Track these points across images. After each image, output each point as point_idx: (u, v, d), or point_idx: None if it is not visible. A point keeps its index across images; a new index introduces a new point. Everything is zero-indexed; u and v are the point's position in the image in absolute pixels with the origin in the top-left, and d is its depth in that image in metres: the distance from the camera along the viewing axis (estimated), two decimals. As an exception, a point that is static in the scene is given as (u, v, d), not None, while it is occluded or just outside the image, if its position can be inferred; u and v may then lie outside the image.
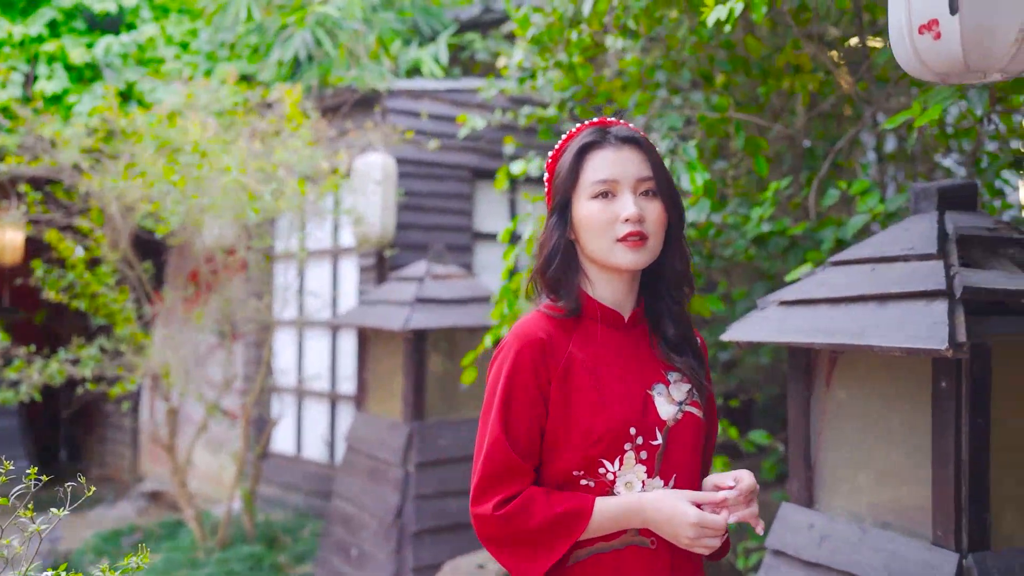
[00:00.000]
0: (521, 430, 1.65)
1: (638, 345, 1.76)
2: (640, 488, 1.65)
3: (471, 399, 5.48)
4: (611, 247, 1.67)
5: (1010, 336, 2.31)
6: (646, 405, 1.69)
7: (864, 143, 5.84)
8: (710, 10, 3.18)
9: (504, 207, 6.76)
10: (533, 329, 1.69)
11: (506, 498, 1.62)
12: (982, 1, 1.57)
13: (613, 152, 1.70)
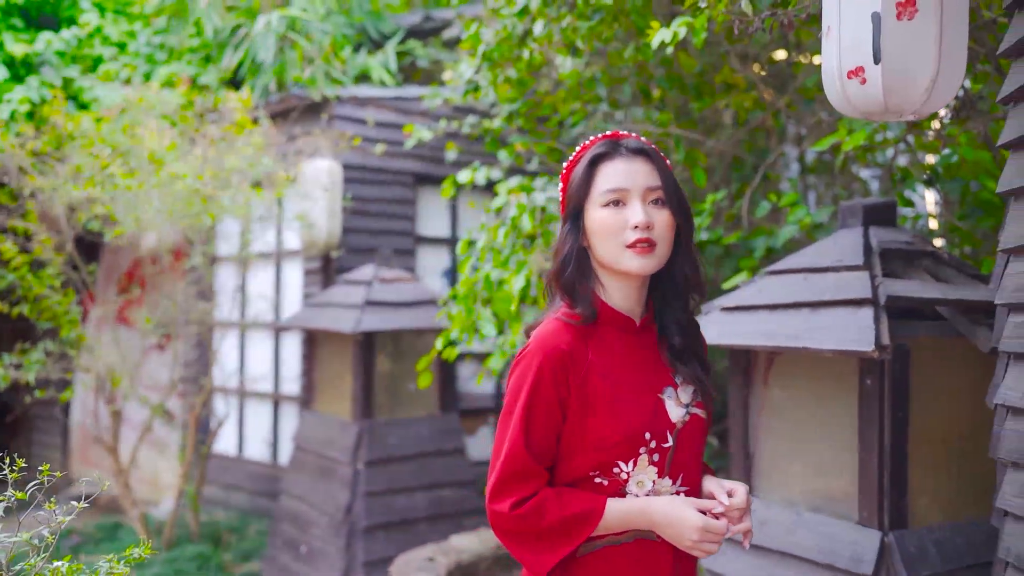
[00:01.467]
0: (539, 437, 1.72)
1: (648, 349, 1.82)
2: (651, 487, 1.74)
3: (417, 399, 5.66)
4: (620, 252, 1.73)
5: (925, 339, 2.59)
6: (657, 409, 1.76)
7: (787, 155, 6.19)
8: (655, 33, 3.42)
9: (445, 212, 6.94)
10: (555, 341, 1.74)
11: (522, 498, 1.71)
12: (900, 54, 1.82)
13: (624, 163, 1.76)
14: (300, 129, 6.25)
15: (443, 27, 7.72)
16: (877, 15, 1.80)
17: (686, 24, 3.31)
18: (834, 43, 1.88)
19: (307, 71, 6.32)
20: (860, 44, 1.83)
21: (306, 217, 5.83)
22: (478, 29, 4.93)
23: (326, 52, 6.63)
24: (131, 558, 2.19)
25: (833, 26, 1.90)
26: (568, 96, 4.96)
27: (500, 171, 5.13)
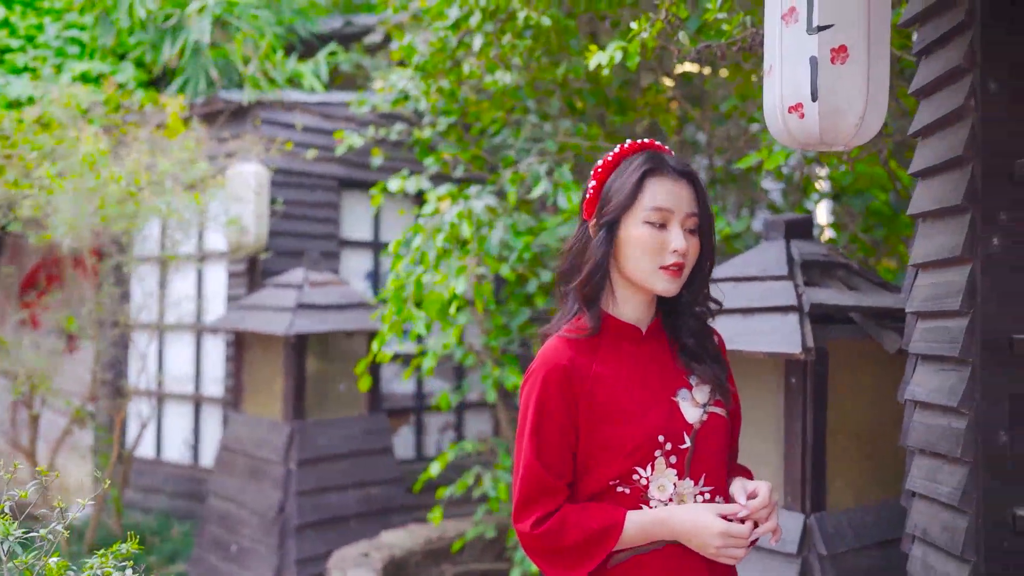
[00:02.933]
0: (552, 453, 1.73)
1: (658, 354, 1.83)
2: (672, 489, 1.73)
3: (346, 399, 5.78)
4: (654, 273, 1.74)
5: (841, 341, 2.89)
6: (672, 411, 1.76)
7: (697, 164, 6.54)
8: (591, 55, 3.65)
9: (368, 216, 7.05)
10: (555, 356, 1.75)
11: (542, 516, 1.72)
12: (834, 93, 2.08)
13: (672, 182, 1.76)
14: (228, 132, 6.28)
15: (364, 32, 7.83)
16: (814, 58, 2.06)
17: (620, 49, 3.55)
18: (776, 81, 2.13)
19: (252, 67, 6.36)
20: (799, 83, 2.08)
21: (241, 222, 5.88)
22: (411, 41, 5.09)
23: (264, 52, 6.68)
24: (120, 554, 2.24)
25: (775, 66, 2.15)
26: (492, 106, 5.17)
27: (427, 178, 5.30)
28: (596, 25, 5.26)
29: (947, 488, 2.19)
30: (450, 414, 7.28)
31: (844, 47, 2.03)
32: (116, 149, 5.45)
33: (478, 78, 4.66)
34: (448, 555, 5.18)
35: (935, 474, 2.28)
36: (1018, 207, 2.09)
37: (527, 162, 4.61)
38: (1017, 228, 2.09)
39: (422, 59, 4.83)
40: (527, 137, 5.11)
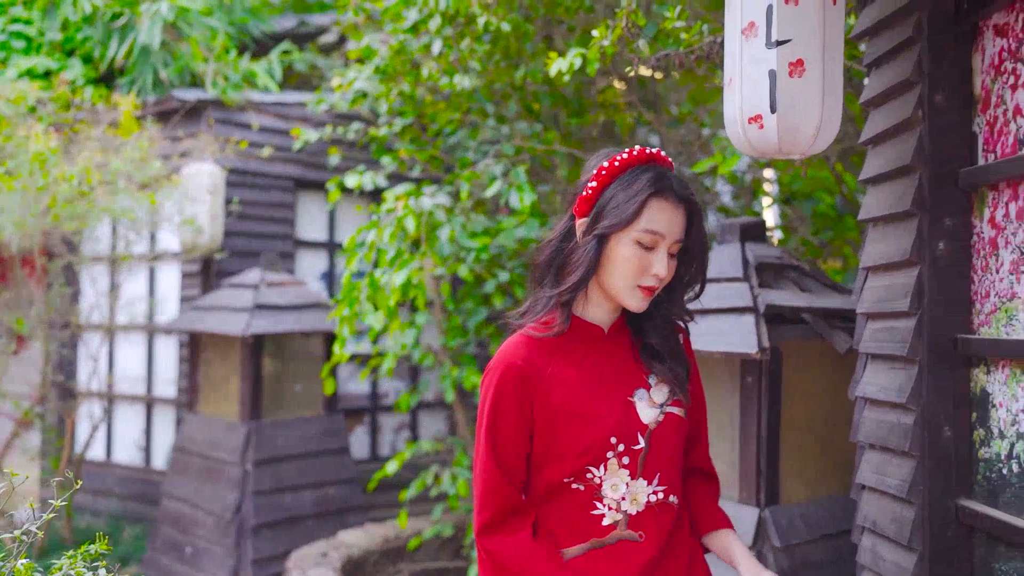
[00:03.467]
0: (507, 452, 1.75)
1: (618, 353, 1.83)
2: (624, 489, 1.74)
3: (303, 400, 5.78)
4: (630, 290, 1.74)
5: (794, 341, 3.00)
6: (627, 412, 1.77)
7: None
8: (552, 62, 3.72)
9: (323, 216, 7.05)
10: (513, 355, 1.76)
11: (496, 514, 1.75)
12: (792, 106, 2.17)
13: (671, 208, 1.74)
14: (182, 132, 6.23)
15: (319, 32, 7.82)
16: (773, 72, 2.15)
17: (580, 55, 3.63)
18: (736, 93, 2.22)
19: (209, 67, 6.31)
20: (759, 95, 2.17)
21: (191, 220, 5.84)
22: (369, 43, 5.11)
23: (219, 52, 6.64)
24: (89, 554, 2.25)
25: (735, 78, 2.23)
26: (448, 107, 5.22)
27: (384, 177, 5.33)
28: (551, 28, 5.34)
29: (895, 481, 2.30)
30: (405, 415, 7.31)
31: (801, 61, 2.12)
32: (67, 148, 5.39)
33: (437, 81, 4.70)
34: (405, 554, 5.22)
35: (884, 468, 2.38)
36: (963, 213, 2.20)
37: (484, 163, 4.67)
38: (962, 233, 2.20)
39: (382, 61, 4.86)
40: (484, 139, 5.17)
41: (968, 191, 2.20)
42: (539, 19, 4.92)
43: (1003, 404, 2.07)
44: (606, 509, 1.74)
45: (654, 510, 1.77)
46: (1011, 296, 2.04)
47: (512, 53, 4.62)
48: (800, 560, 2.87)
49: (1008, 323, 2.05)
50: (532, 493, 1.79)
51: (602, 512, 1.74)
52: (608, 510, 1.74)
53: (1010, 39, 2.06)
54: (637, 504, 1.75)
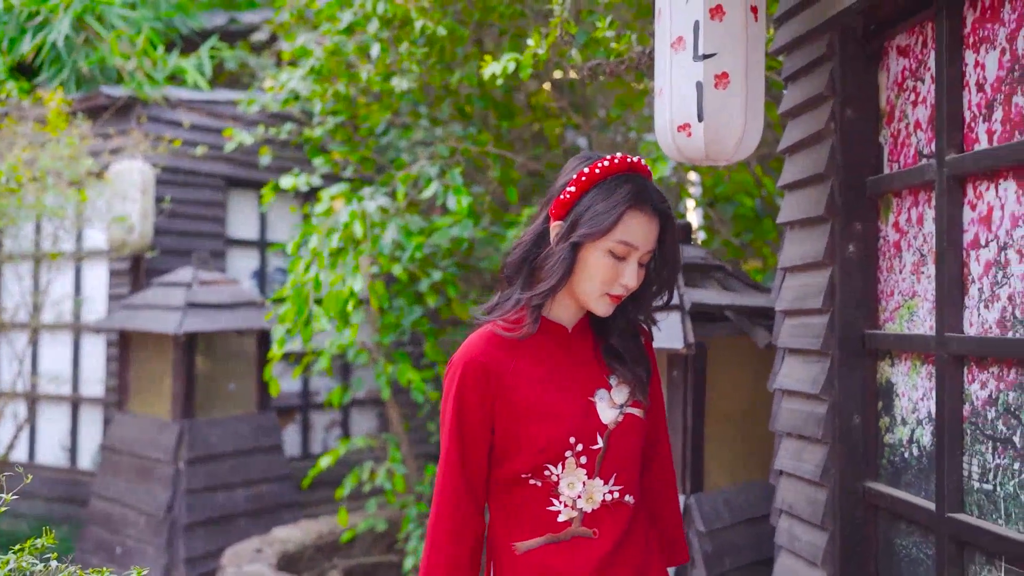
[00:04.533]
0: (467, 447, 1.77)
1: (580, 353, 1.84)
2: (581, 488, 1.75)
3: (235, 398, 5.79)
4: (598, 297, 1.75)
5: (717, 337, 3.17)
6: (587, 411, 1.77)
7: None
8: (486, 65, 3.84)
9: (255, 215, 7.05)
10: (475, 351, 1.77)
11: (451, 512, 1.77)
12: (718, 115, 2.33)
13: (647, 219, 1.74)
14: (112, 129, 6.18)
15: (250, 30, 7.79)
16: (700, 83, 2.30)
17: (514, 60, 3.76)
18: (666, 103, 2.37)
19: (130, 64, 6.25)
20: (687, 105, 2.32)
21: (122, 218, 5.80)
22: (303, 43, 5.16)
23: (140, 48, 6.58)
24: (34, 548, 2.27)
25: (665, 88, 2.38)
26: (380, 107, 5.30)
27: (318, 177, 5.39)
28: (482, 31, 5.46)
29: (810, 466, 2.48)
30: (336, 412, 7.35)
31: (726, 74, 2.27)
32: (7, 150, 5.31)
33: (375, 86, 4.78)
34: (339, 549, 5.29)
35: (800, 454, 2.56)
36: (870, 218, 2.39)
37: (419, 164, 4.76)
38: (869, 237, 2.39)
39: (317, 62, 4.92)
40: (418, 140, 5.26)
41: (875, 198, 2.39)
42: (472, 23, 5.04)
43: (905, 394, 2.25)
44: (562, 506, 1.76)
45: (609, 508, 1.78)
46: (912, 294, 2.23)
47: (447, 56, 4.72)
48: (723, 544, 3.04)
49: (910, 319, 2.24)
50: (493, 483, 1.81)
51: (558, 509, 1.76)
52: (564, 507, 1.76)
53: (911, 59, 2.25)
54: (592, 502, 1.76)
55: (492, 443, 1.79)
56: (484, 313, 1.85)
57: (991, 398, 1.91)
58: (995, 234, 1.92)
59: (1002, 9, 1.91)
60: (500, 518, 1.82)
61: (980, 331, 1.96)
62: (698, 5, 2.25)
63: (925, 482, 2.15)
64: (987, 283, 1.94)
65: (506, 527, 1.80)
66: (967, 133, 2.02)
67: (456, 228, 4.65)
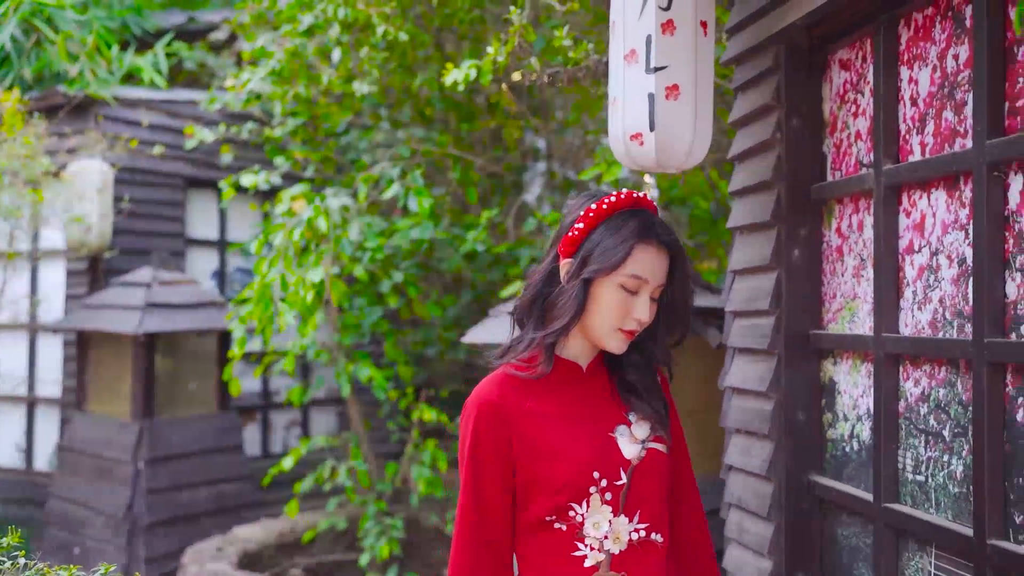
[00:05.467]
0: (488, 495, 1.73)
1: (597, 391, 1.81)
2: (607, 527, 1.70)
3: (196, 397, 5.81)
4: (612, 333, 1.74)
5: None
6: (609, 447, 1.74)
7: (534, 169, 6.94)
8: (448, 72, 3.92)
9: (214, 215, 7.04)
10: (487, 393, 1.75)
11: (468, 566, 1.73)
12: (668, 125, 2.42)
13: (656, 252, 1.74)
14: (69, 128, 6.15)
15: (209, 30, 7.78)
16: (652, 95, 2.39)
17: (475, 67, 3.84)
18: (620, 112, 2.46)
19: (76, 68, 6.22)
20: (639, 115, 2.41)
21: (79, 217, 5.78)
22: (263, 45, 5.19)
23: (91, 48, 6.54)
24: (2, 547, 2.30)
25: (619, 98, 2.47)
26: (342, 109, 5.35)
27: (279, 176, 5.42)
28: (443, 36, 5.53)
29: (757, 461, 2.59)
30: (296, 411, 7.37)
31: (676, 86, 2.37)
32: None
33: (337, 89, 4.83)
34: (301, 547, 5.33)
35: (748, 449, 2.67)
36: (814, 224, 2.51)
37: (380, 166, 4.82)
38: (813, 242, 2.50)
39: (277, 64, 4.96)
40: (378, 142, 5.32)
41: (819, 205, 2.50)
42: (432, 28, 5.11)
43: (846, 391, 2.37)
44: (588, 549, 1.70)
45: (637, 549, 1.72)
46: (853, 296, 2.35)
47: (408, 60, 4.79)
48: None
49: (851, 320, 2.36)
50: (517, 532, 1.76)
51: (584, 553, 1.70)
52: (590, 550, 1.70)
53: (852, 72, 2.36)
54: (620, 543, 1.71)
55: (513, 487, 1.74)
56: (497, 357, 1.82)
57: (924, 395, 2.03)
58: (927, 240, 2.04)
59: (933, 29, 2.03)
60: (525, 571, 1.76)
61: (914, 331, 2.07)
62: (650, 20, 2.34)
63: (864, 474, 2.27)
64: (920, 286, 2.06)
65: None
66: (902, 144, 2.14)
67: (417, 230, 4.71)
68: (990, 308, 1.79)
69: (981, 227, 1.81)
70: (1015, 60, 1.77)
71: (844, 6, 2.26)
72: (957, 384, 1.92)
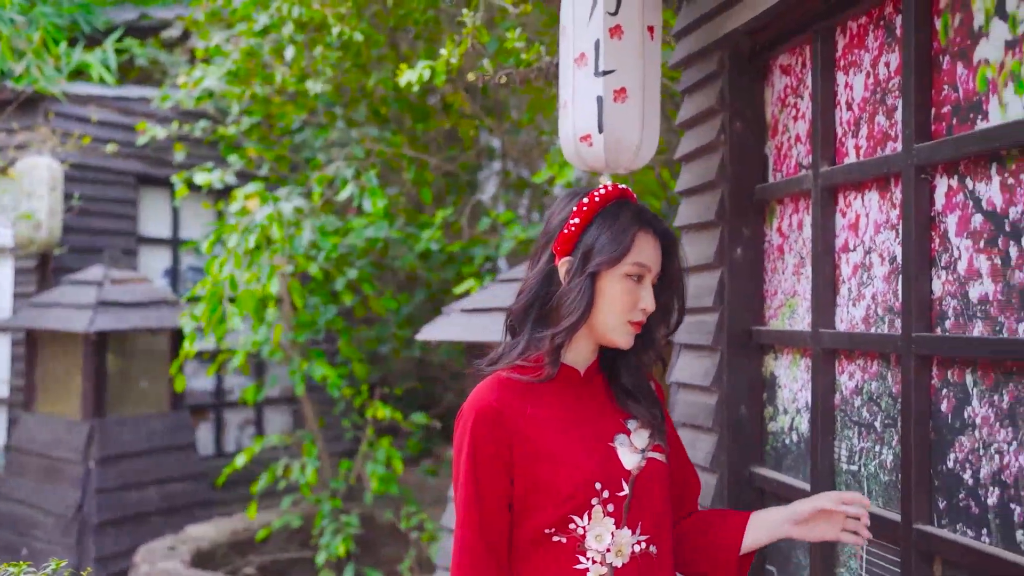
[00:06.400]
0: (487, 505, 1.66)
1: (595, 398, 1.77)
2: (610, 540, 1.64)
3: (148, 396, 5.77)
4: (622, 327, 1.71)
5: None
6: (609, 457, 1.68)
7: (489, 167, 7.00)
8: (402, 73, 3.95)
9: (167, 213, 7.00)
10: (486, 396, 1.68)
11: None
12: (616, 127, 2.49)
13: (653, 240, 1.73)
14: (17, 124, 6.07)
15: (161, 27, 7.71)
16: (600, 98, 2.46)
17: (429, 68, 3.88)
18: (569, 114, 2.52)
19: (20, 65, 6.14)
20: (588, 117, 2.47)
21: (28, 215, 5.72)
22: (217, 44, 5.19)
23: (37, 45, 6.46)
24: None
25: (569, 101, 2.54)
26: (296, 107, 5.37)
27: (233, 175, 5.41)
28: (398, 36, 5.56)
29: (702, 453, 2.66)
30: (250, 410, 7.35)
31: (624, 89, 2.44)
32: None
33: (291, 87, 4.84)
34: (254, 546, 5.32)
35: (694, 443, 2.75)
36: (756, 224, 2.59)
37: (335, 165, 4.85)
38: (755, 241, 2.59)
39: (232, 64, 4.95)
40: (333, 141, 5.34)
41: (761, 205, 2.59)
42: (387, 28, 5.14)
43: (786, 385, 2.46)
44: (590, 563, 1.64)
45: (638, 561, 1.67)
46: (793, 293, 2.43)
47: (362, 60, 4.81)
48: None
49: (791, 316, 2.44)
50: (515, 548, 1.69)
51: (585, 567, 1.64)
52: (592, 564, 1.64)
53: (792, 77, 2.45)
54: (623, 556, 1.65)
55: (512, 497, 1.67)
56: (488, 364, 1.76)
57: (857, 387, 2.12)
58: (861, 239, 2.12)
59: (867, 37, 2.12)
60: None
61: (849, 327, 2.16)
62: (599, 25, 2.41)
63: (803, 465, 2.35)
64: (855, 283, 2.15)
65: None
66: (838, 147, 2.23)
67: (371, 229, 4.74)
68: (917, 304, 1.87)
69: (909, 227, 1.89)
70: (941, 68, 1.86)
71: (784, 13, 2.34)
72: (888, 377, 2.01)
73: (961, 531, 1.76)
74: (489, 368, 1.75)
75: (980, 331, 1.74)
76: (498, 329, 3.34)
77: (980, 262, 1.74)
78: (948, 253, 1.83)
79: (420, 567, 5.00)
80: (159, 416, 5.74)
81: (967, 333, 1.77)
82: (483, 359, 1.79)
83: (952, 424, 1.80)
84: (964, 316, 1.78)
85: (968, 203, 1.78)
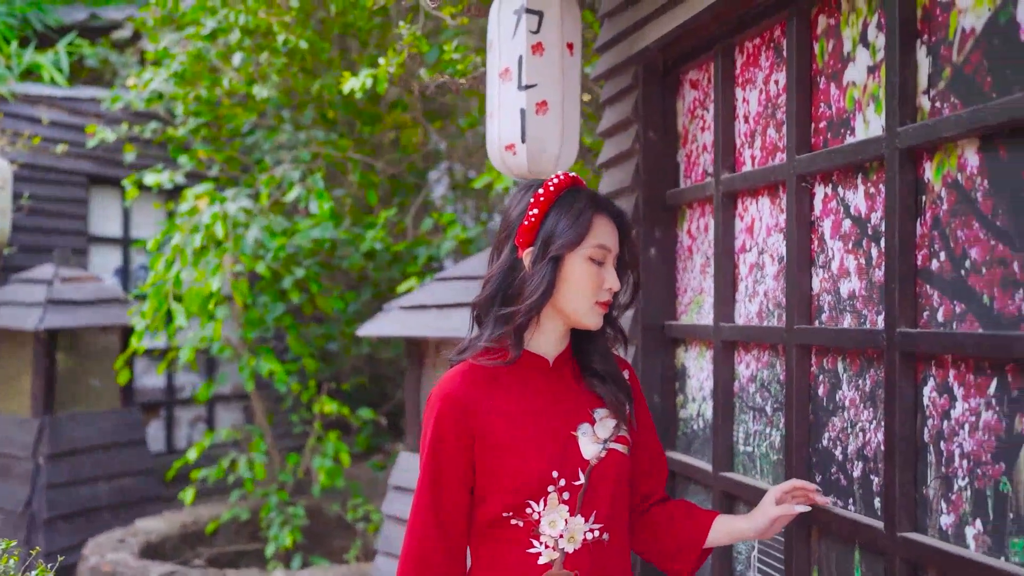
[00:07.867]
0: (446, 490, 1.72)
1: (563, 385, 1.82)
2: (563, 525, 1.70)
3: (99, 393, 5.85)
4: (590, 308, 1.76)
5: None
6: (569, 447, 1.74)
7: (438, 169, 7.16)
8: (346, 80, 4.11)
9: (118, 212, 7.07)
10: (450, 387, 1.73)
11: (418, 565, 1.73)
12: (538, 137, 2.68)
13: (610, 222, 1.79)
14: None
15: (112, 27, 7.77)
16: (523, 110, 2.65)
17: (371, 76, 4.04)
18: (496, 124, 2.71)
19: None
20: (512, 128, 2.66)
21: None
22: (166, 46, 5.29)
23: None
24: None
25: (495, 112, 2.72)
26: (245, 110, 5.49)
27: (183, 175, 5.52)
28: (346, 42, 5.71)
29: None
30: (201, 407, 7.44)
31: (545, 102, 2.63)
32: None
33: (238, 91, 4.97)
34: (204, 538, 5.44)
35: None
36: (669, 226, 2.79)
37: (282, 167, 4.98)
38: (668, 242, 2.79)
39: (180, 67, 5.07)
40: (282, 143, 5.47)
41: (673, 209, 2.79)
42: (334, 34, 5.28)
43: (694, 375, 2.66)
44: (543, 547, 1.70)
45: (590, 548, 1.73)
46: (700, 291, 2.64)
47: (309, 66, 4.96)
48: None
49: (698, 312, 2.65)
50: (474, 529, 1.77)
51: (538, 551, 1.70)
52: (545, 548, 1.70)
53: (700, 91, 2.66)
54: (574, 542, 1.72)
55: (473, 482, 1.74)
56: (456, 354, 1.82)
57: (752, 376, 2.33)
58: (756, 241, 2.33)
59: (760, 56, 2.33)
60: (479, 567, 1.77)
61: (745, 321, 2.37)
62: (522, 41, 2.60)
63: (708, 448, 2.56)
64: (751, 281, 2.36)
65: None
66: (737, 157, 2.44)
67: (317, 230, 4.89)
68: (799, 299, 2.09)
69: (792, 230, 2.11)
70: (818, 88, 2.08)
71: (691, 31, 2.54)
72: (776, 365, 2.23)
73: (833, 502, 1.97)
74: (457, 358, 1.81)
75: (849, 323, 1.95)
76: (436, 326, 3.52)
77: (849, 262, 1.96)
78: (824, 253, 2.04)
79: (366, 556, 5.16)
80: (110, 413, 5.83)
81: (839, 325, 1.98)
82: (452, 350, 1.85)
83: (827, 407, 2.02)
84: (836, 310, 2.00)
85: (840, 209, 1.99)
